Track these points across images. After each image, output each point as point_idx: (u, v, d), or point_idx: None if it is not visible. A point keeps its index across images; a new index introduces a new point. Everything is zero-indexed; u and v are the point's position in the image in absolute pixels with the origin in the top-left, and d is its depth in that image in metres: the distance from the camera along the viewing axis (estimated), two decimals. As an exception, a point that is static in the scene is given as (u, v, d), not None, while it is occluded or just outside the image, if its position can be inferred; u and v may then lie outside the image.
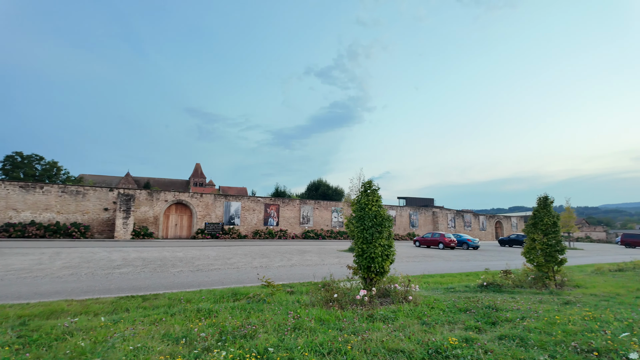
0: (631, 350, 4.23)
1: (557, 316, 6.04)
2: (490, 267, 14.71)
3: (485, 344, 4.59)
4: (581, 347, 4.43)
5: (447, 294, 8.68)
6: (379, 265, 7.40)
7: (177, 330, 5.16)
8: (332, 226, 43.56)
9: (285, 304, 7.02)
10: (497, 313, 6.34)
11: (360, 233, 7.68)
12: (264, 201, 40.14)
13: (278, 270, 13.87)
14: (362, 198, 8.10)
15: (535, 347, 4.53)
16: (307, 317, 5.75)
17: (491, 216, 62.80)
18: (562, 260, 10.16)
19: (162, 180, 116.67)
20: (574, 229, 39.01)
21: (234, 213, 37.95)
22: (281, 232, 39.39)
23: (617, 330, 5.18)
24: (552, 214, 10.55)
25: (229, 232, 36.70)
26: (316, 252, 22.57)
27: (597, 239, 67.39)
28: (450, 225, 54.61)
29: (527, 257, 10.60)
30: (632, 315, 6.22)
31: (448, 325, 5.62)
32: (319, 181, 62.69)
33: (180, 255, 18.22)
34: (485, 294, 8.82)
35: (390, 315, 6.05)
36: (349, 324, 5.46)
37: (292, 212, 41.32)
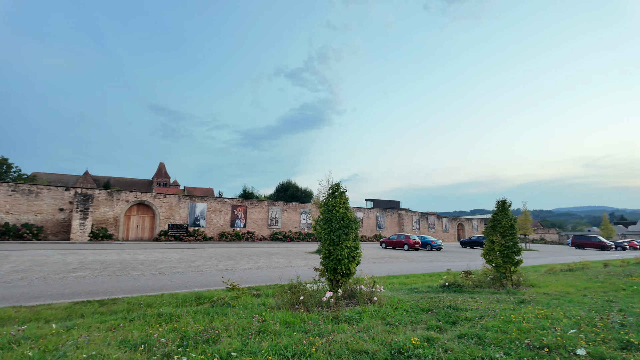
0: (579, 346, 4.50)
1: (512, 315, 6.34)
2: (452, 267, 15.20)
3: (445, 343, 4.74)
4: (534, 344, 4.67)
5: (410, 295, 8.88)
6: (345, 267, 7.46)
7: (135, 336, 4.96)
8: (301, 228, 43.51)
9: (250, 307, 6.93)
10: (457, 312, 6.56)
11: (327, 235, 7.71)
12: (231, 202, 39.47)
13: (244, 272, 13.66)
14: (330, 200, 8.14)
15: (492, 345, 4.73)
16: (272, 320, 5.70)
17: (454, 218, 65.03)
18: (518, 261, 10.67)
19: (123, 179, 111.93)
20: (529, 231, 41.14)
21: (199, 214, 37.04)
22: (249, 234, 38.87)
23: (566, 327, 5.51)
24: (509, 217, 11.07)
25: (194, 234, 35.77)
26: (284, 254, 22.45)
27: (550, 240, 71.45)
28: (415, 227, 56.02)
29: (487, 258, 11.04)
30: (580, 313, 6.63)
31: (411, 325, 5.75)
32: (288, 183, 62.45)
33: (142, 257, 17.55)
34: (447, 294, 9.11)
35: (355, 316, 6.11)
36: (315, 326, 5.46)
37: (260, 214, 40.88)
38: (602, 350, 4.46)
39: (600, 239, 46.08)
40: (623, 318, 6.18)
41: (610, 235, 51.56)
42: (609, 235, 51.35)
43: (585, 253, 35.99)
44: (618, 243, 47.53)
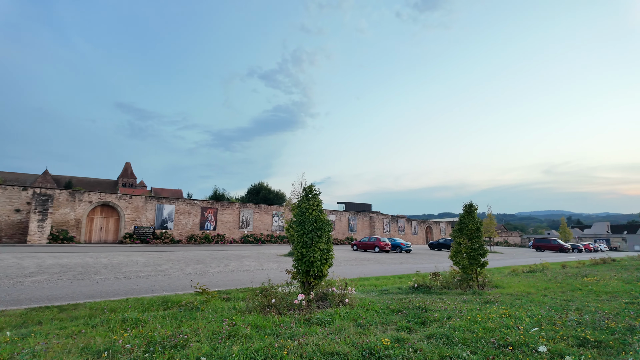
0: (540, 344, 4.71)
1: (478, 315, 6.55)
2: (421, 269, 15.56)
3: (415, 343, 4.83)
4: (498, 342, 4.84)
5: (381, 296, 9.00)
6: (317, 269, 7.46)
7: (98, 343, 4.74)
8: (273, 230, 43.17)
9: (220, 311, 6.79)
10: (426, 313, 6.70)
11: (300, 237, 7.69)
12: (200, 204, 38.62)
13: (214, 276, 13.39)
14: (303, 202, 8.13)
15: (460, 344, 4.86)
16: (243, 324, 5.61)
17: (422, 221, 66.59)
18: (484, 262, 11.04)
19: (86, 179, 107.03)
20: (494, 234, 42.70)
21: (167, 216, 36.00)
22: (219, 237, 38.14)
23: (528, 326, 5.75)
24: (476, 220, 11.45)
25: (161, 237, 34.72)
26: (255, 257, 22.17)
27: (513, 243, 74.54)
28: (386, 230, 56.90)
29: (454, 260, 11.36)
30: (541, 312, 6.94)
31: (382, 326, 5.82)
32: (260, 185, 61.82)
33: (105, 261, 16.83)
34: (416, 295, 9.29)
35: (327, 318, 6.12)
36: (286, 329, 5.42)
37: (231, 216, 40.23)
38: (561, 347, 4.69)
39: (558, 241, 48.50)
40: (579, 316, 6.52)
41: (568, 238, 54.36)
42: (567, 238, 54.12)
43: (545, 255, 37.78)
44: (575, 245, 50.22)
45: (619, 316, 6.64)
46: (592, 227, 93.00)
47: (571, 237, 55.58)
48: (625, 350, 4.71)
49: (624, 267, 19.89)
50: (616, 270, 17.05)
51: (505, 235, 76.67)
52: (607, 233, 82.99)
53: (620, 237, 75.71)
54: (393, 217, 60.13)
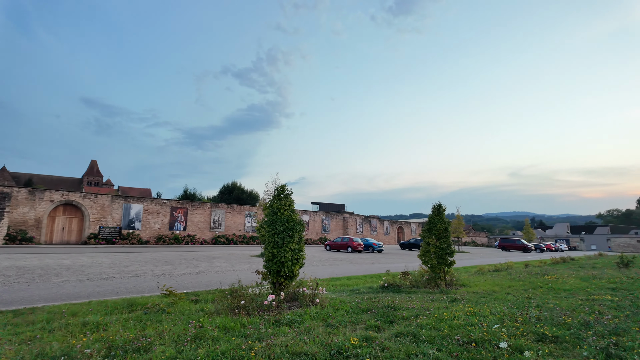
0: (501, 340, 4.88)
1: (445, 313, 6.72)
2: (392, 269, 15.79)
3: (382, 342, 4.89)
4: (463, 340, 4.98)
5: (352, 296, 9.06)
6: (288, 269, 7.43)
7: (54, 348, 4.51)
8: (245, 231, 42.64)
9: (187, 314, 6.62)
10: (395, 312, 6.81)
11: (271, 237, 7.63)
12: (170, 204, 37.63)
13: (183, 278, 13.06)
14: (275, 202, 8.07)
15: (426, 342, 4.97)
16: (210, 326, 5.49)
17: (394, 222, 67.74)
18: (451, 262, 11.35)
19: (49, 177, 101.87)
20: (462, 234, 44.02)
21: (134, 216, 34.84)
22: (189, 238, 37.27)
23: (491, 323, 5.95)
24: (444, 220, 11.75)
25: (128, 238, 33.55)
26: (226, 258, 21.82)
27: (480, 243, 77.08)
28: (359, 230, 57.47)
29: (423, 259, 11.60)
30: (504, 309, 7.20)
31: (351, 325, 5.86)
32: (233, 184, 60.87)
33: (67, 262, 16.08)
34: (386, 294, 9.43)
35: (297, 319, 6.09)
36: (255, 331, 5.36)
37: (202, 217, 39.41)
38: (521, 342, 4.88)
39: (522, 241, 50.57)
40: (539, 313, 6.82)
41: (531, 239, 56.78)
42: (530, 238, 56.53)
43: (510, 255, 39.29)
44: (537, 245, 52.50)
45: (575, 312, 6.99)
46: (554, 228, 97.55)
47: (534, 237, 58.11)
48: (580, 344, 4.95)
49: (581, 265, 21.00)
50: (574, 269, 17.97)
51: (473, 236, 79.16)
52: (567, 233, 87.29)
53: (578, 237, 79.86)
54: (366, 217, 60.81)
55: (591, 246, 73.68)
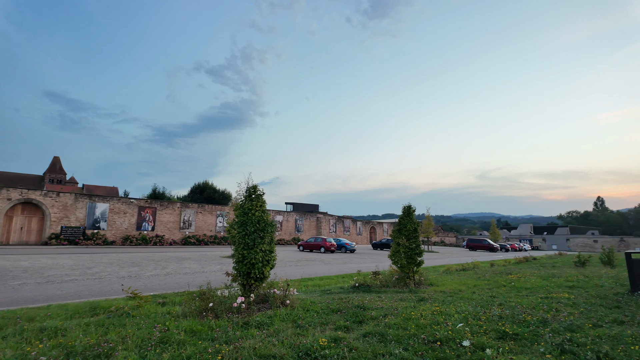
0: (464, 338, 5.04)
1: (412, 312, 6.86)
2: (363, 269, 15.97)
3: (351, 342, 4.93)
4: (429, 339, 5.11)
5: (323, 296, 9.09)
6: (259, 271, 7.36)
7: (8, 356, 4.27)
8: (217, 231, 41.91)
9: (153, 317, 6.43)
10: (364, 312, 6.89)
11: (242, 239, 7.53)
12: (138, 203, 36.45)
13: (150, 279, 12.69)
14: (246, 203, 7.98)
15: (393, 342, 5.06)
16: (176, 330, 5.36)
17: (367, 222, 68.56)
18: (420, 262, 11.60)
19: (6, 174, 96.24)
20: (432, 234, 45.10)
21: (99, 216, 33.51)
22: (157, 238, 36.23)
23: (457, 322, 6.13)
24: (413, 221, 12.00)
25: (93, 238, 32.24)
26: (196, 259, 21.36)
27: (449, 243, 79.24)
28: (332, 230, 57.75)
29: (393, 259, 11.80)
30: (468, 308, 7.44)
31: (320, 326, 5.88)
32: (204, 184, 59.65)
33: (26, 264, 15.27)
34: (357, 294, 9.52)
35: (266, 320, 6.05)
36: (222, 333, 5.27)
37: (171, 216, 38.41)
38: (484, 340, 5.06)
39: (489, 241, 52.40)
40: (501, 311, 7.09)
41: (497, 239, 58.93)
42: (496, 238, 58.65)
43: (477, 254, 40.62)
44: (503, 245, 54.55)
45: (535, 310, 7.32)
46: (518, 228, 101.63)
47: (500, 238, 60.33)
48: (538, 341, 5.19)
49: (542, 264, 22.01)
50: (536, 268, 18.81)
51: (442, 236, 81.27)
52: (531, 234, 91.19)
53: (541, 237, 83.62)
54: (339, 217, 61.19)
55: (552, 246, 77.32)
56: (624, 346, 4.94)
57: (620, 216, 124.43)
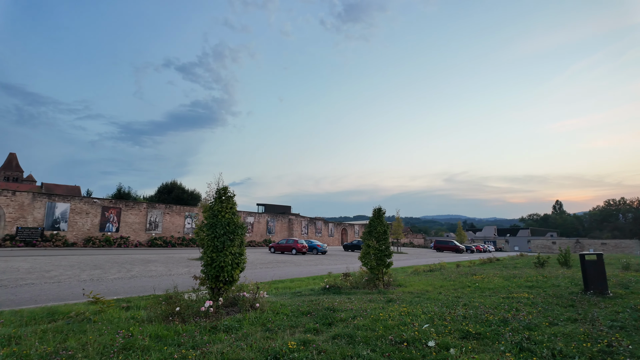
0: (430, 339, 5.18)
1: (381, 313, 6.97)
2: (334, 270, 16.06)
3: (320, 344, 4.96)
4: (396, 339, 5.21)
5: (293, 298, 9.07)
6: (228, 274, 7.25)
7: (-47, 369, 4.00)
8: (185, 233, 40.87)
9: (117, 322, 6.20)
10: (334, 314, 6.93)
11: (211, 241, 7.40)
12: (101, 203, 34.99)
13: (113, 283, 12.22)
14: (216, 205, 7.85)
15: (361, 343, 5.12)
16: (140, 335, 5.19)
17: (338, 224, 69.02)
18: (389, 263, 11.82)
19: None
20: (401, 236, 46.01)
21: (59, 216, 31.90)
22: (122, 240, 34.89)
23: (423, 322, 6.29)
24: (383, 223, 12.21)
25: (52, 239, 30.63)
26: (163, 261, 20.76)
27: (418, 244, 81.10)
28: (304, 232, 57.71)
29: (363, 261, 11.96)
30: (434, 309, 7.65)
31: (290, 329, 5.86)
32: (172, 183, 57.96)
33: (-25, 268, 14.30)
34: (327, 296, 9.57)
35: (235, 324, 5.97)
36: (189, 338, 5.16)
37: (137, 217, 37.12)
38: (448, 340, 5.22)
39: (455, 243, 54.06)
40: (466, 311, 7.34)
41: (463, 240, 60.90)
42: (462, 240, 60.62)
43: (444, 255, 41.81)
44: (468, 247, 56.45)
45: (497, 310, 7.62)
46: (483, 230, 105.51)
47: (466, 239, 62.36)
48: (499, 340, 5.41)
49: (505, 265, 22.93)
50: (499, 269, 19.57)
51: (411, 237, 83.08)
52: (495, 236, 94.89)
53: (504, 239, 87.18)
54: (311, 219, 61.26)
55: (514, 247, 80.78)
56: (577, 343, 5.25)
57: (577, 219, 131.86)
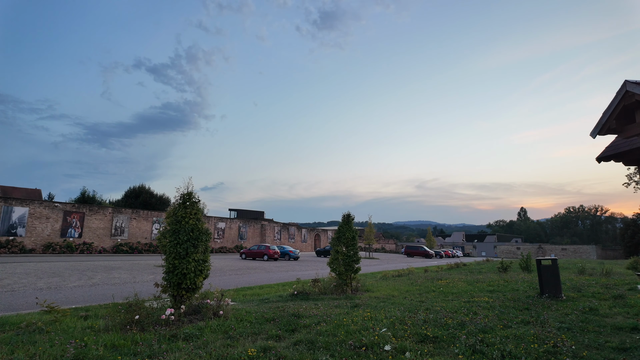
0: (388, 343, 5.31)
1: (345, 319, 7.06)
2: (305, 276, 16.10)
3: (280, 351, 4.98)
4: (355, 344, 5.30)
5: (260, 305, 9.02)
6: (190, 281, 7.14)
7: None
8: (152, 239, 39.69)
9: (72, 332, 5.98)
10: (298, 320, 6.96)
11: (173, 248, 7.27)
12: (63, 208, 33.50)
13: (73, 291, 11.73)
14: (179, 210, 7.72)
15: (322, 349, 5.18)
16: (95, 345, 5.03)
17: (312, 229, 69.03)
18: (357, 268, 11.97)
19: None
20: (373, 241, 46.58)
21: (17, 221, 30.27)
22: (85, 246, 33.49)
23: (384, 327, 6.42)
24: (352, 229, 12.37)
25: (7, 246, 29.00)
26: (128, 268, 20.09)
27: (389, 249, 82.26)
28: (277, 238, 57.33)
29: (332, 267, 12.05)
30: (397, 313, 7.81)
31: (252, 336, 5.85)
32: (140, 187, 56.15)
33: None
34: (294, 302, 9.57)
35: (196, 332, 5.88)
36: (146, 347, 5.05)
37: (101, 222, 35.75)
38: (406, 344, 5.36)
39: (425, 248, 55.26)
40: (426, 315, 7.54)
41: (433, 246, 62.35)
42: (432, 245, 62.04)
43: (413, 260, 42.62)
44: (437, 252, 57.81)
45: (456, 314, 7.88)
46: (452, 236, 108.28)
47: (435, 245, 63.88)
48: (454, 343, 5.60)
49: (470, 270, 23.63)
50: (464, 274, 20.16)
51: (383, 243, 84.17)
52: (463, 241, 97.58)
53: (472, 244, 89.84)
54: (285, 225, 60.96)
55: (482, 252, 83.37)
56: (525, 344, 5.52)
57: (540, 225, 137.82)
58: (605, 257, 66.14)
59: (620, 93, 6.19)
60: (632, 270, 20.56)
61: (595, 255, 65.75)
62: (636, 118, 6.28)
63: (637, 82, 5.82)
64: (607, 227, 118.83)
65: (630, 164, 7.24)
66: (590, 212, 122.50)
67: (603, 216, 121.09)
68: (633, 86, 5.89)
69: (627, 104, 6.17)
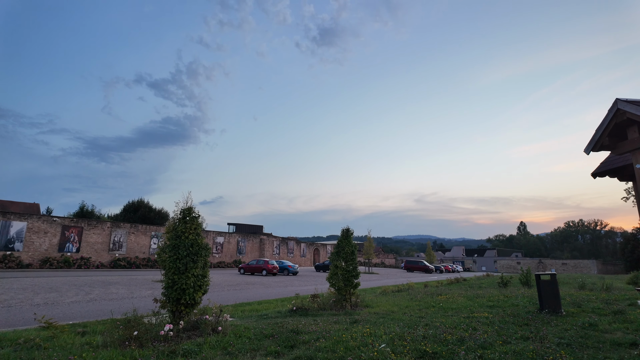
0: (387, 359, 5.30)
1: (344, 335, 7.04)
2: (304, 291, 16.00)
3: (279, 367, 4.97)
4: (354, 360, 5.30)
5: (259, 321, 8.98)
6: (190, 296, 7.14)
7: None
8: (151, 253, 39.47)
9: (69, 348, 5.95)
10: (297, 336, 6.93)
11: (173, 263, 7.28)
12: (62, 222, 33.41)
13: (70, 307, 11.66)
14: (179, 225, 7.76)
15: (320, 365, 5.17)
16: (93, 362, 5.03)
17: (311, 244, 68.71)
18: (356, 284, 11.92)
19: None
20: (372, 256, 46.35)
21: (14, 235, 30.15)
22: (82, 261, 33.27)
23: (383, 343, 6.40)
24: (351, 244, 12.37)
25: (5, 261, 28.82)
26: (126, 283, 19.95)
27: (389, 264, 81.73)
28: (276, 252, 57.03)
29: (331, 282, 12.00)
30: (396, 329, 7.78)
31: (251, 352, 5.83)
32: (139, 202, 56.07)
33: None
34: (293, 318, 9.52)
35: (194, 348, 5.87)
36: (145, 364, 5.04)
37: (100, 237, 35.61)
38: (405, 360, 5.35)
39: (425, 263, 54.94)
40: (425, 331, 7.52)
41: (432, 260, 62.02)
42: (431, 260, 61.71)
43: (413, 275, 42.31)
44: (437, 267, 57.44)
45: (455, 329, 7.85)
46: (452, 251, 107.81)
47: (435, 259, 63.53)
48: (454, 359, 5.59)
49: (470, 285, 23.48)
50: (464, 289, 20.04)
51: (383, 257, 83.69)
52: (463, 256, 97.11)
53: (472, 259, 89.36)
54: (283, 239, 60.71)
55: (482, 267, 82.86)
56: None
57: (539, 240, 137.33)
58: (606, 272, 65.77)
59: (611, 111, 6.35)
60: (633, 285, 20.48)
61: (595, 269, 65.38)
62: (628, 135, 6.42)
63: (628, 100, 5.98)
64: (607, 242, 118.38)
65: (625, 179, 7.35)
66: (590, 227, 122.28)
67: (603, 230, 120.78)
68: (624, 104, 6.04)
69: (618, 122, 6.31)
